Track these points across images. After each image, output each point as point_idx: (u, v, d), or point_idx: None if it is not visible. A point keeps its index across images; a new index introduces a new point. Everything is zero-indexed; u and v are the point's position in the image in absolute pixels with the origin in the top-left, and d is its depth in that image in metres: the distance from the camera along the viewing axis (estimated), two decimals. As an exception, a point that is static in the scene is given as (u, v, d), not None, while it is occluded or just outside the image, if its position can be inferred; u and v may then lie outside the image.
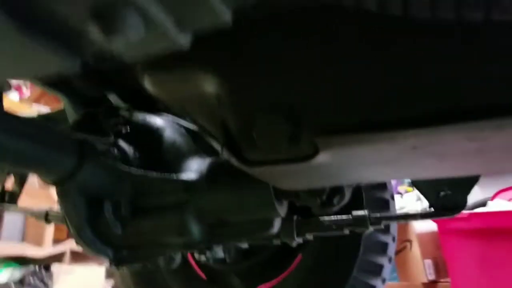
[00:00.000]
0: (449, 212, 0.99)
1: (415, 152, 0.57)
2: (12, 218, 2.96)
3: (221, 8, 0.24)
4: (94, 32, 0.23)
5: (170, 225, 0.87)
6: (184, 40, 0.26)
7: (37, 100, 2.88)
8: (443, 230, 2.26)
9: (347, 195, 0.88)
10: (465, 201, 0.97)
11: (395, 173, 0.71)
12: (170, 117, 1.01)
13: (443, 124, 0.48)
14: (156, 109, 1.05)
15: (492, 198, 2.49)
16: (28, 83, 2.85)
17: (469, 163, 0.64)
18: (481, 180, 0.96)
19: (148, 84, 0.64)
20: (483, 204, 2.31)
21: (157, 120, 0.97)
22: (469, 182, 0.94)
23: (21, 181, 1.33)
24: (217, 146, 0.63)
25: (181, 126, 0.99)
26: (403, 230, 2.56)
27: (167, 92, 0.64)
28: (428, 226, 2.50)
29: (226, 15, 0.25)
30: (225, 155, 0.60)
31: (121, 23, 0.22)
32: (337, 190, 0.86)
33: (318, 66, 0.53)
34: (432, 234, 2.47)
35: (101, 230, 0.86)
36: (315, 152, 0.55)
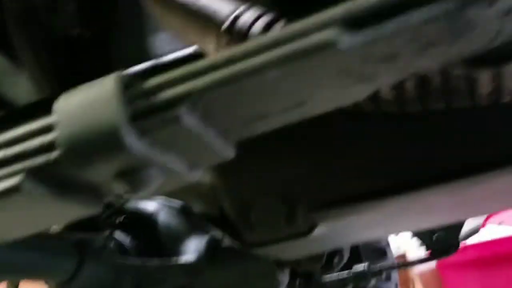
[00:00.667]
0: (445, 253, 1.02)
1: (404, 211, 0.60)
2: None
3: (225, 149, 0.27)
4: (119, 189, 0.25)
5: (175, 312, 0.87)
6: (194, 175, 0.29)
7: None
8: (441, 265, 2.27)
9: (346, 254, 0.89)
10: (458, 241, 1.01)
11: (390, 229, 0.74)
12: (162, 199, 1.02)
13: (423, 187, 0.52)
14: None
15: (483, 224, 2.52)
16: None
17: (456, 212, 0.68)
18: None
19: None
20: (475, 231, 2.33)
21: (149, 205, 0.98)
22: (459, 223, 0.98)
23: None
24: (216, 230, 0.65)
25: (173, 207, 1.00)
26: (404, 271, 2.55)
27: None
28: (427, 265, 2.50)
29: (230, 152, 0.28)
30: (225, 239, 0.61)
31: (144, 180, 0.25)
32: (336, 252, 0.88)
33: (307, 150, 0.56)
34: (432, 271, 2.47)
35: (107, 326, 0.85)
36: (312, 227, 0.58)
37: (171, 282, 0.87)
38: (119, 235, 0.92)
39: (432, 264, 2.42)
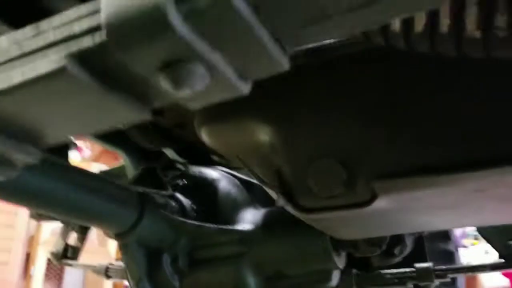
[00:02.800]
0: (521, 262, 0.92)
1: (478, 196, 0.55)
2: (71, 278, 3.03)
3: (280, 55, 0.25)
4: (163, 84, 0.24)
5: (226, 278, 0.87)
6: (244, 87, 0.28)
7: (96, 159, 3.02)
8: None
9: (409, 245, 0.84)
10: (538, 251, 0.91)
11: (458, 220, 0.68)
12: (224, 170, 1.03)
13: (507, 165, 0.46)
14: (210, 163, 1.08)
15: None
16: (89, 143, 3.01)
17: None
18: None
19: (204, 136, 0.66)
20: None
21: (212, 173, 1.00)
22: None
23: (82, 237, 1.38)
24: (272, 194, 0.63)
25: (235, 177, 1.00)
26: (472, 286, 2.39)
27: (223, 142, 0.66)
28: (498, 282, 2.32)
29: (284, 62, 0.26)
30: (281, 202, 0.60)
31: (189, 75, 0.24)
32: (398, 240, 0.83)
33: (374, 111, 0.53)
34: (504, 290, 2.29)
35: (160, 282, 0.87)
36: (373, 198, 0.54)
37: (226, 248, 0.87)
38: (181, 197, 0.94)
39: (505, 283, 2.24)
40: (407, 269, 0.98)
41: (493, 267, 0.94)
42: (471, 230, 2.46)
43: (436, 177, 0.49)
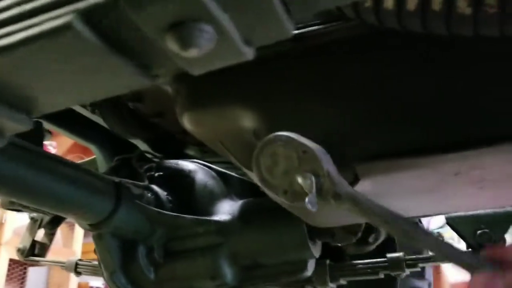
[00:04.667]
0: (488, 251, 0.96)
1: (457, 179, 0.57)
2: (35, 279, 2.93)
3: (287, 20, 0.26)
4: (170, 44, 0.24)
5: (203, 269, 0.87)
6: (248, 53, 0.28)
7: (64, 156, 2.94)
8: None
9: (383, 233, 0.86)
10: (504, 239, 0.95)
11: (436, 206, 0.70)
12: (200, 162, 1.02)
13: (486, 146, 0.48)
14: (186, 156, 1.07)
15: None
16: (55, 142, 2.93)
17: (511, 190, 0.63)
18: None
19: (187, 123, 0.65)
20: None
21: (188, 165, 0.99)
22: (507, 219, 0.92)
23: (50, 233, 1.34)
24: (254, 180, 0.64)
25: (211, 170, 1.00)
26: (437, 281, 2.46)
27: (206, 129, 0.65)
28: (463, 275, 2.40)
29: (289, 28, 0.26)
30: (263, 188, 0.60)
31: (198, 34, 0.24)
32: (372, 228, 0.85)
33: (355, 95, 0.54)
34: (466, 284, 2.36)
35: (134, 274, 0.86)
36: (355, 181, 0.55)
37: (202, 238, 0.87)
38: (156, 188, 0.93)
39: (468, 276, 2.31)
40: (379, 259, 1.01)
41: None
42: (435, 227, 2.53)
43: (417, 158, 0.51)
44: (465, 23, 0.35)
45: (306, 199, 0.47)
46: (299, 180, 0.48)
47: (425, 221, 2.21)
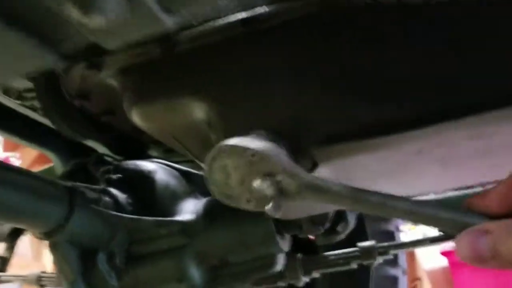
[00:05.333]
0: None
1: (418, 159, 0.55)
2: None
3: None
4: (73, 12, 0.21)
5: (168, 272, 0.83)
6: (169, 21, 0.24)
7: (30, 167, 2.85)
8: (453, 263, 2.19)
9: (351, 221, 0.84)
10: (474, 221, 0.94)
11: (400, 189, 0.69)
12: (161, 161, 0.99)
13: (446, 120, 0.46)
14: (145, 156, 1.03)
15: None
16: (19, 154, 2.84)
17: (474, 169, 0.62)
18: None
19: (136, 118, 0.62)
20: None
21: (148, 165, 0.95)
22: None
23: (10, 246, 1.28)
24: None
25: (173, 168, 0.96)
26: (412, 268, 2.48)
27: (157, 123, 0.62)
28: (438, 262, 2.42)
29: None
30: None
31: None
32: (340, 217, 0.82)
33: (307, 78, 0.51)
34: (442, 270, 2.39)
35: (96, 282, 0.81)
36: (314, 166, 0.53)
37: (166, 241, 0.83)
38: (115, 191, 0.88)
39: (443, 263, 2.34)
40: (351, 249, 0.99)
41: (432, 241, 0.97)
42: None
43: (375, 139, 0.49)
44: None
45: (266, 207, 0.45)
46: (256, 185, 0.46)
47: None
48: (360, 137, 0.49)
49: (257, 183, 0.46)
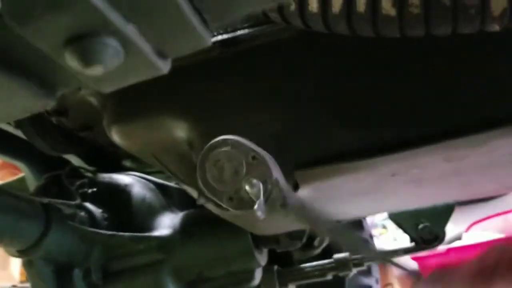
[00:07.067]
0: (430, 244, 0.98)
1: (394, 180, 0.57)
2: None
3: (202, 29, 0.23)
4: (70, 61, 0.21)
5: (146, 288, 0.82)
6: (163, 66, 0.25)
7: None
8: (423, 267, 2.24)
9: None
10: (444, 232, 0.97)
11: (376, 206, 0.70)
12: (137, 175, 0.98)
13: (420, 146, 0.48)
14: (121, 169, 1.02)
15: (466, 230, 2.51)
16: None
17: (447, 188, 0.64)
18: (454, 216, 0.98)
19: (115, 137, 0.61)
20: (458, 238, 2.32)
21: (124, 178, 0.94)
22: (446, 212, 0.95)
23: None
24: (192, 192, 0.61)
25: (149, 182, 0.95)
26: (383, 274, 2.52)
27: (137, 142, 0.62)
28: (408, 266, 2.47)
29: (206, 37, 0.24)
30: (202, 201, 0.57)
31: (100, 49, 0.21)
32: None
33: (289, 102, 0.52)
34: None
35: (71, 300, 0.80)
36: (295, 188, 0.54)
37: (143, 256, 0.83)
38: (90, 206, 0.87)
39: (413, 265, 2.39)
40: (326, 261, 1.01)
41: (405, 251, 0.99)
42: (379, 220, 2.60)
43: (351, 163, 0.50)
44: (390, 24, 0.34)
45: (255, 206, 0.45)
46: (247, 186, 0.46)
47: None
48: (337, 161, 0.50)
49: (248, 184, 0.46)
